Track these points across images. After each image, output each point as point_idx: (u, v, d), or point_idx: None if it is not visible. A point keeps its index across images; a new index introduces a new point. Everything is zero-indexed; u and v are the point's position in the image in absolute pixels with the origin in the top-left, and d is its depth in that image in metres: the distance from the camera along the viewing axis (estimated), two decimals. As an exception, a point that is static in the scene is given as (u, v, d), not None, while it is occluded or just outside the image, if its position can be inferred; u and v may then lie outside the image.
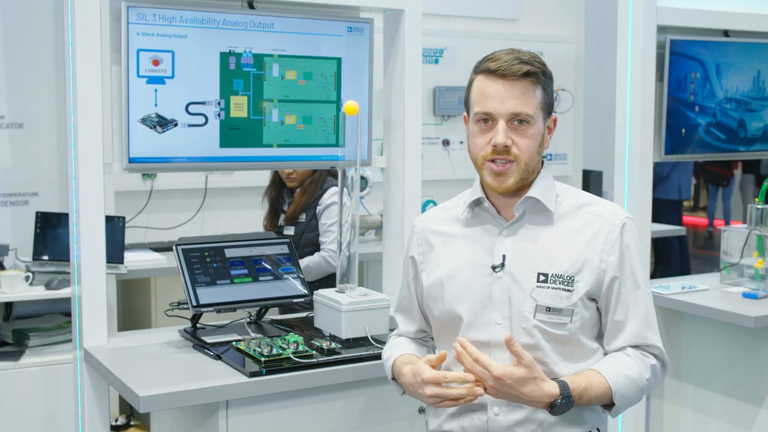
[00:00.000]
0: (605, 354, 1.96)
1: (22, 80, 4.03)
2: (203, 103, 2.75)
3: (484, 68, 1.90)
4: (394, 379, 2.06)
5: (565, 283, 1.89)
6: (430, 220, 2.10)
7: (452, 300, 1.97)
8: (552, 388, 1.79)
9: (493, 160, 1.90)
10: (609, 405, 1.88)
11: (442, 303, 2.00)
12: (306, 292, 2.76)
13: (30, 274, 3.72)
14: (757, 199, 3.57)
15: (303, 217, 3.87)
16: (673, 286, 3.57)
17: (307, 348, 2.44)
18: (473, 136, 1.93)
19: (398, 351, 2.08)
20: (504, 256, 1.93)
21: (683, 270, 6.49)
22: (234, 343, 2.54)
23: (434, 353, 2.13)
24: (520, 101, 1.87)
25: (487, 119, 1.90)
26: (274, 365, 2.33)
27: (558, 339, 1.89)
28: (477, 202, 2.00)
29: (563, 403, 1.80)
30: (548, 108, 1.94)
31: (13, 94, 4.01)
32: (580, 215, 1.95)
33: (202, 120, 2.76)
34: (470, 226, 2.01)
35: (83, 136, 2.55)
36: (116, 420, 4.26)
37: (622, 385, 1.85)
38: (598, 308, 1.94)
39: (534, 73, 1.88)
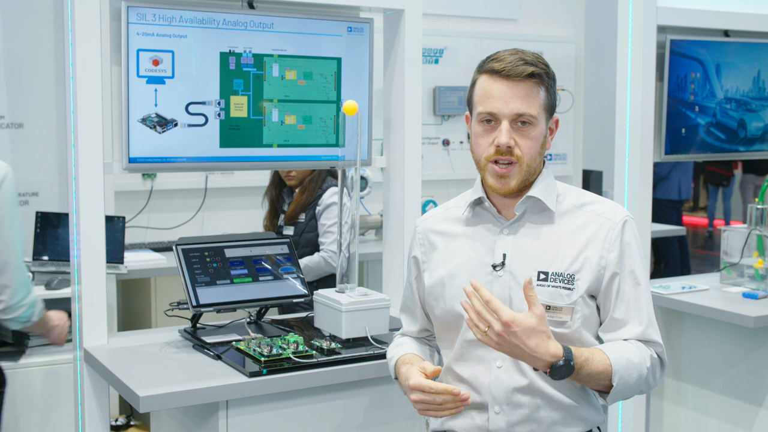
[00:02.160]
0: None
1: (22, 80, 4.03)
2: (203, 103, 2.75)
3: (488, 68, 1.90)
4: (397, 378, 2.07)
5: (566, 282, 1.89)
6: (431, 219, 2.11)
7: (453, 299, 1.97)
8: (556, 348, 1.76)
9: (496, 162, 1.90)
10: (607, 390, 1.86)
11: (444, 302, 2.00)
12: (306, 292, 2.75)
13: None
14: (757, 199, 3.57)
15: (302, 217, 3.87)
16: (673, 286, 3.57)
17: (307, 348, 2.44)
18: (476, 137, 1.93)
19: (401, 351, 2.09)
20: (504, 255, 1.93)
21: (683, 270, 6.49)
22: (234, 343, 2.54)
23: (438, 353, 2.13)
24: (523, 102, 1.87)
25: (491, 119, 1.89)
26: (274, 365, 2.33)
27: (559, 337, 1.88)
28: (478, 202, 2.00)
29: (564, 367, 1.76)
30: (551, 109, 1.95)
31: (13, 94, 4.01)
32: (581, 214, 1.95)
33: (202, 120, 2.76)
34: (471, 225, 2.01)
35: (83, 136, 2.55)
36: (116, 420, 4.26)
37: (624, 366, 1.83)
38: (598, 305, 1.94)
39: (538, 74, 1.88)
